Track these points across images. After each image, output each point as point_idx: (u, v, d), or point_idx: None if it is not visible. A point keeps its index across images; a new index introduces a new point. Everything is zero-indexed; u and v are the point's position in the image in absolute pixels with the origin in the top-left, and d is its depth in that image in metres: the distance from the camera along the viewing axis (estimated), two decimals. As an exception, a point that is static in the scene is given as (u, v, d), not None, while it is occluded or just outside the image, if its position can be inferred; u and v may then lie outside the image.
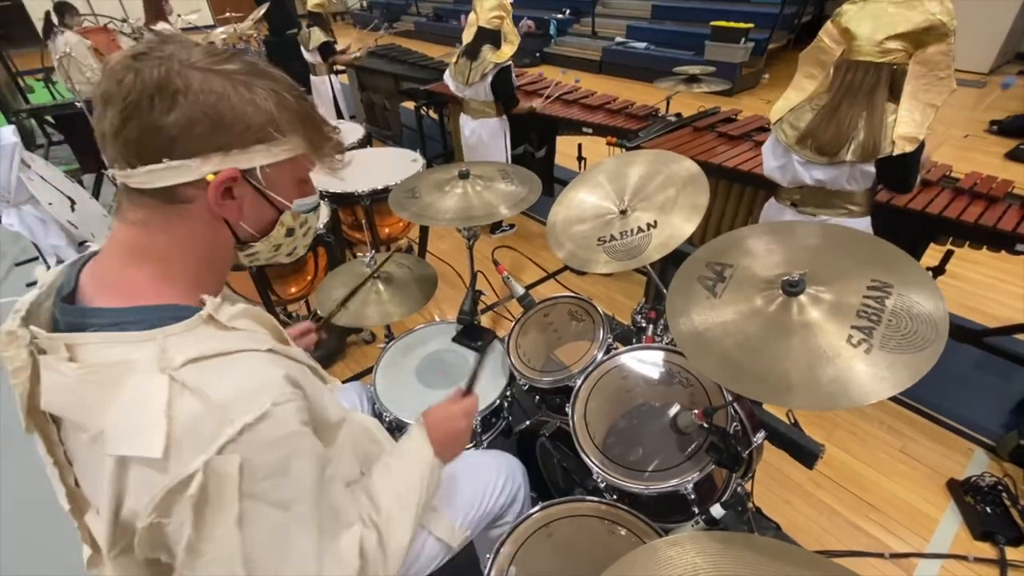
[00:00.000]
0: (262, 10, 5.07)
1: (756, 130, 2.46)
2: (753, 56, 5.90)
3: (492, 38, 2.77)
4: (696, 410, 0.97)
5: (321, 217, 2.12)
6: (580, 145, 3.37)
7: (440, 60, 4.15)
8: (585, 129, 2.93)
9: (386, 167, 2.39)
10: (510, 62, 2.80)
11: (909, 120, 1.38)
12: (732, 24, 5.75)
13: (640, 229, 1.23)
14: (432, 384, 1.43)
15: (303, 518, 0.61)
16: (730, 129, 2.50)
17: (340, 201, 2.30)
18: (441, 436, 0.88)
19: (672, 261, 1.21)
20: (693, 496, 0.99)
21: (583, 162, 3.42)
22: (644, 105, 2.94)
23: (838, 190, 1.55)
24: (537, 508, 1.04)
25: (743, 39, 5.70)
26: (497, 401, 1.37)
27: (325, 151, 0.69)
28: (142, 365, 0.54)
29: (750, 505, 1.20)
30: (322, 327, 1.22)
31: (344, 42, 4.38)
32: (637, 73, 6.49)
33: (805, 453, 1.26)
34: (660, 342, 1.31)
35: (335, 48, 4.16)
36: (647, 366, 1.20)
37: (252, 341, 0.62)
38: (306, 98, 0.66)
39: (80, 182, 3.15)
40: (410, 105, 4.35)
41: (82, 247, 2.81)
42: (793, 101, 1.58)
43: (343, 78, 4.79)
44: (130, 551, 0.56)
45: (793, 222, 1.56)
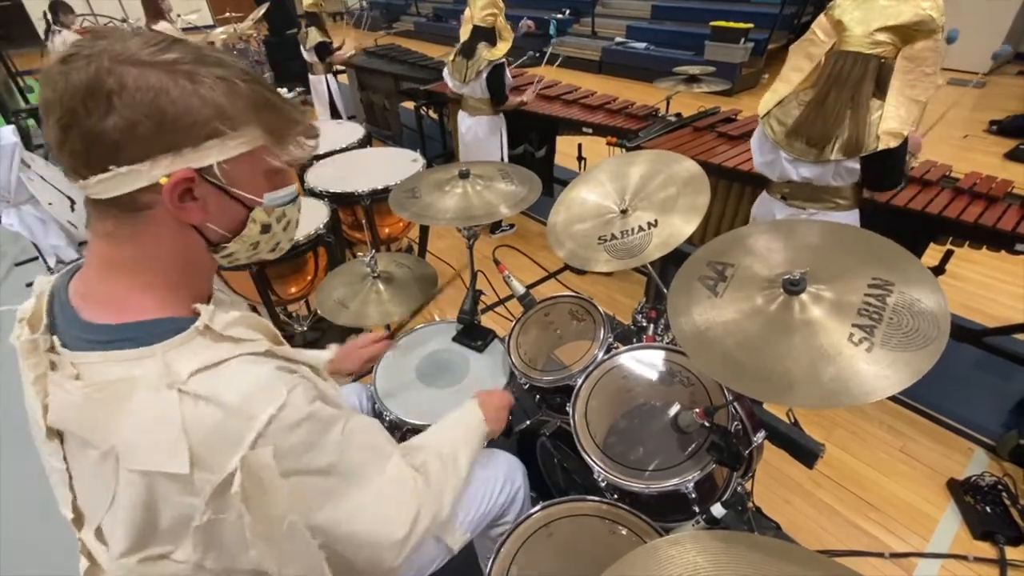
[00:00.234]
0: (262, 10, 5.07)
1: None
2: (753, 56, 5.91)
3: (487, 36, 2.80)
4: (697, 409, 0.97)
5: (322, 218, 2.12)
6: (580, 145, 3.37)
7: (440, 60, 4.15)
8: (585, 129, 2.93)
9: (386, 167, 2.39)
10: (504, 59, 2.82)
11: (895, 116, 1.39)
12: (732, 24, 5.75)
13: (641, 228, 1.23)
14: (432, 384, 1.42)
15: (347, 473, 0.67)
16: (730, 129, 2.50)
17: (340, 201, 2.30)
18: (491, 412, 1.06)
19: (672, 260, 1.21)
20: (694, 495, 0.99)
21: (583, 162, 3.42)
22: (644, 105, 2.94)
23: (825, 186, 1.57)
24: (537, 508, 1.04)
25: (743, 39, 5.71)
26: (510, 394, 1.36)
27: (290, 137, 0.64)
28: (146, 382, 0.54)
29: (750, 505, 1.20)
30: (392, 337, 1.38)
31: (340, 41, 4.39)
32: (637, 73, 6.50)
33: (805, 453, 1.26)
34: (661, 341, 1.31)
35: (330, 48, 4.17)
36: (648, 365, 1.20)
37: (249, 345, 0.62)
38: (261, 82, 0.61)
39: (80, 182, 3.15)
40: (410, 105, 4.35)
41: (82, 247, 2.81)
42: (781, 94, 1.59)
43: (343, 78, 4.79)
44: (158, 559, 0.58)
45: (794, 221, 1.56)
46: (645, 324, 1.42)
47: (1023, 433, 1.80)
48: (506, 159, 3.15)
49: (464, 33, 2.88)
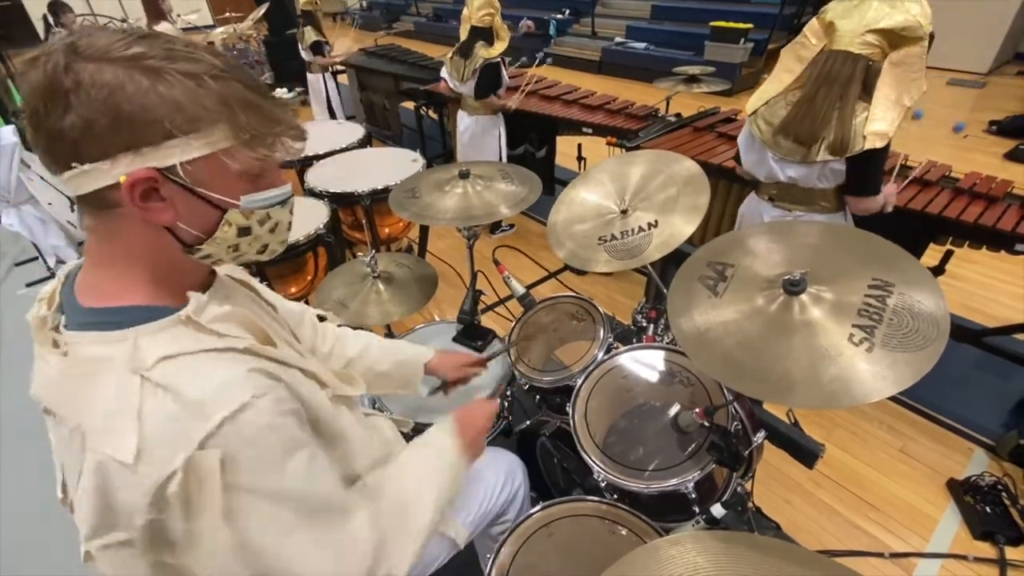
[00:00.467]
0: (262, 10, 5.08)
1: (756, 130, 2.46)
2: (753, 56, 5.91)
3: (484, 35, 2.82)
4: (697, 409, 0.97)
5: (321, 218, 2.12)
6: (580, 145, 3.37)
7: (439, 60, 4.16)
8: (585, 129, 2.93)
9: (386, 167, 2.39)
10: (499, 58, 2.84)
11: (881, 118, 1.42)
12: (731, 24, 5.75)
13: (641, 228, 1.23)
14: (432, 384, 1.42)
15: (301, 510, 0.60)
16: (730, 129, 2.50)
17: (340, 201, 2.30)
18: (471, 434, 0.91)
19: (672, 261, 1.21)
20: (694, 495, 0.99)
21: (583, 162, 3.42)
22: (644, 105, 2.94)
23: (811, 188, 1.59)
24: (537, 508, 1.04)
25: (742, 39, 5.71)
26: (497, 401, 1.37)
27: (269, 138, 0.59)
28: (116, 364, 0.55)
29: (750, 505, 1.20)
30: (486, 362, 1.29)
31: (335, 41, 4.40)
32: (637, 73, 6.50)
33: (805, 453, 1.26)
34: (660, 341, 1.31)
35: (324, 47, 4.18)
36: (647, 366, 1.20)
37: (229, 340, 0.61)
38: (243, 79, 0.57)
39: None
40: (410, 105, 4.34)
41: (82, 247, 2.81)
42: (770, 93, 1.61)
43: (343, 78, 4.79)
44: (129, 546, 0.55)
45: (794, 221, 1.57)
46: (645, 324, 1.42)
47: (1023, 433, 1.80)
48: (504, 159, 3.15)
49: (463, 33, 2.91)
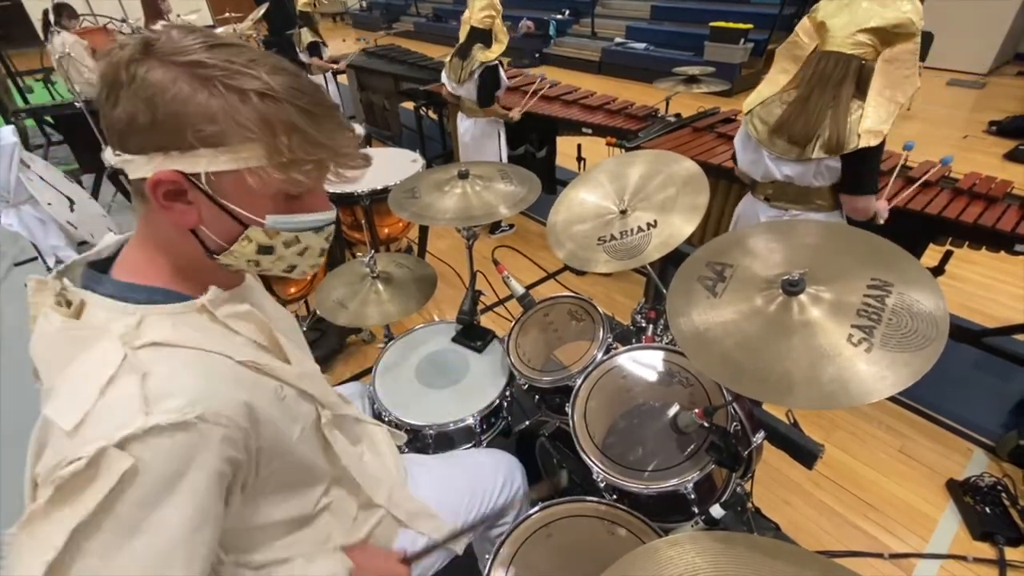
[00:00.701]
0: (261, 10, 5.07)
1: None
2: (752, 57, 5.91)
3: (483, 37, 2.80)
4: (696, 410, 0.97)
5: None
6: (580, 145, 3.37)
7: (439, 60, 4.16)
8: (585, 129, 2.94)
9: (386, 167, 2.39)
10: (497, 61, 2.82)
11: (875, 115, 1.42)
12: (731, 25, 5.76)
13: (640, 229, 1.23)
14: (432, 384, 1.42)
15: (143, 558, 0.50)
16: (730, 129, 2.51)
17: (339, 201, 2.29)
18: None
19: (672, 261, 1.21)
20: (693, 496, 0.99)
21: (583, 162, 3.42)
22: (644, 105, 2.95)
23: (807, 186, 1.59)
24: (536, 508, 1.03)
25: (742, 40, 5.72)
26: (496, 401, 1.37)
27: (304, 165, 0.57)
28: (113, 334, 0.55)
29: (749, 505, 1.20)
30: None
31: (332, 43, 4.41)
32: (636, 74, 6.50)
33: (804, 453, 1.26)
34: (660, 342, 1.31)
35: (320, 49, 4.18)
36: (647, 366, 1.20)
37: (230, 346, 0.61)
38: (298, 101, 0.56)
39: (79, 182, 3.15)
40: (409, 105, 4.35)
41: (81, 247, 2.81)
42: (765, 94, 1.62)
43: (343, 78, 4.79)
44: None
45: (794, 221, 1.57)
46: (644, 324, 1.42)
47: (1023, 433, 1.80)
48: (505, 160, 3.15)
49: (463, 34, 2.89)
